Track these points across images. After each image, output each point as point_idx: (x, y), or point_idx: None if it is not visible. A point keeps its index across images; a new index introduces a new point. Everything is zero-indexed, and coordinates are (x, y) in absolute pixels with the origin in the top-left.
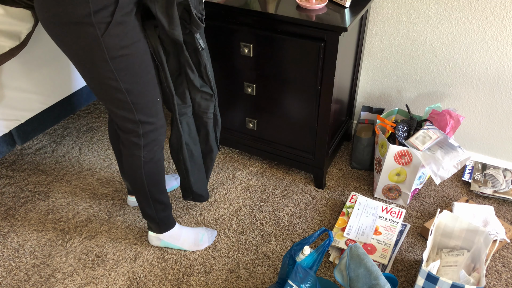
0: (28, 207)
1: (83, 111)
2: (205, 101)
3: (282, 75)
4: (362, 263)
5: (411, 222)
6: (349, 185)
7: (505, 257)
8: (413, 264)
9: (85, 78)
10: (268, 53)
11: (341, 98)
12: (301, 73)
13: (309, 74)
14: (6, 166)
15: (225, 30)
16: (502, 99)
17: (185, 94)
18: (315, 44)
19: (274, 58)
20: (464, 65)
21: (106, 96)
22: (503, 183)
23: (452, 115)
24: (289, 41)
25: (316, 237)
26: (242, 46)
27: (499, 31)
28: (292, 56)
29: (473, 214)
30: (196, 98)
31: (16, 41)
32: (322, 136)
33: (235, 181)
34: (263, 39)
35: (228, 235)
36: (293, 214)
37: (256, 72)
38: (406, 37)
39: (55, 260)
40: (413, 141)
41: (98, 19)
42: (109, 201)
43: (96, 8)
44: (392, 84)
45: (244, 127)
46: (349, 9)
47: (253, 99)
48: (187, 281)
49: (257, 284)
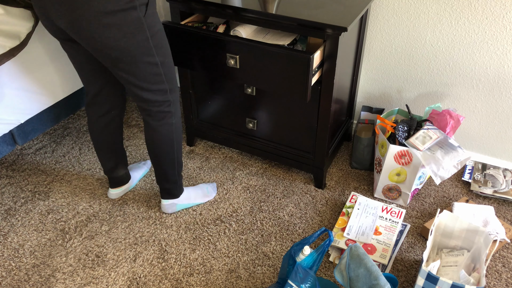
0: (28, 207)
1: (83, 111)
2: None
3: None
4: (362, 263)
5: (411, 222)
6: (349, 185)
7: (505, 257)
8: (413, 264)
9: (123, 65)
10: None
11: (341, 98)
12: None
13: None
14: (6, 166)
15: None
16: (502, 99)
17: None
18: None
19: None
20: (464, 65)
21: (144, 75)
22: (503, 183)
23: (452, 115)
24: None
25: (316, 237)
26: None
27: (499, 31)
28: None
29: (473, 214)
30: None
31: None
32: (322, 136)
33: (235, 181)
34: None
35: (228, 235)
36: (293, 214)
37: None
38: (406, 37)
39: (55, 260)
40: (413, 141)
41: (140, 2)
42: (109, 201)
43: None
44: (392, 84)
45: (244, 127)
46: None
47: (253, 99)
48: (187, 281)
49: (257, 284)
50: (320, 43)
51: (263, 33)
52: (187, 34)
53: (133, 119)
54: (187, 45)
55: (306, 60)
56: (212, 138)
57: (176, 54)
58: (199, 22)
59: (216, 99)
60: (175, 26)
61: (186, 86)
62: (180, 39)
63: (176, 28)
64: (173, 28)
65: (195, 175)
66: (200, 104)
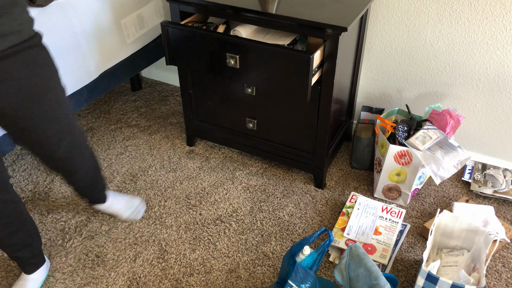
0: (28, 207)
1: (83, 111)
2: None
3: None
4: (362, 263)
5: (411, 222)
6: (349, 185)
7: (505, 257)
8: (413, 264)
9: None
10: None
11: (341, 98)
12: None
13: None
14: (6, 166)
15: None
16: (502, 99)
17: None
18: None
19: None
20: (464, 65)
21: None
22: (503, 183)
23: (452, 115)
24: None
25: (316, 237)
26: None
27: (499, 31)
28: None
29: (473, 214)
30: None
31: None
32: (322, 136)
33: (235, 181)
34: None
35: (228, 235)
36: (293, 214)
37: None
38: (406, 37)
39: (55, 260)
40: (413, 141)
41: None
42: None
43: None
44: (392, 84)
45: (244, 127)
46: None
47: (253, 99)
48: (187, 281)
49: (257, 284)
50: (320, 43)
51: (263, 33)
52: (187, 34)
53: (133, 119)
54: (187, 45)
55: (306, 60)
56: (212, 138)
57: (176, 54)
58: (199, 22)
59: (216, 99)
60: (175, 26)
61: (186, 86)
62: (180, 39)
63: (176, 28)
64: (173, 28)
65: (195, 175)
66: (200, 104)
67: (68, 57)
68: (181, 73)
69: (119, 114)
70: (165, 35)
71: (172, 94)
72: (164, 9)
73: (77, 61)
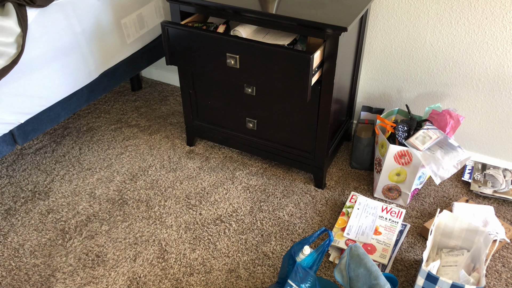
0: (28, 207)
1: (83, 111)
2: None
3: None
4: (362, 263)
5: (411, 222)
6: (349, 185)
7: (505, 257)
8: (413, 264)
9: None
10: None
11: (341, 98)
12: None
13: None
14: (6, 166)
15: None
16: (502, 99)
17: None
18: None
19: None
20: (464, 65)
21: None
22: (503, 183)
23: (452, 115)
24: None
25: (316, 237)
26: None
27: (499, 31)
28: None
29: (473, 214)
30: None
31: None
32: (322, 136)
33: (235, 181)
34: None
35: (228, 235)
36: (293, 214)
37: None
38: (406, 37)
39: (55, 260)
40: (413, 141)
41: None
42: (109, 201)
43: None
44: (392, 84)
45: (244, 127)
46: (349, 9)
47: (253, 99)
48: (187, 281)
49: (257, 284)
50: (320, 43)
51: (263, 33)
52: (187, 34)
53: (133, 119)
54: (187, 45)
55: (306, 60)
56: (212, 138)
57: (176, 54)
58: (199, 22)
59: (216, 99)
60: (175, 26)
61: (186, 86)
62: (180, 39)
63: (176, 28)
64: (173, 28)
65: (195, 175)
66: (200, 104)
67: (68, 57)
68: (181, 73)
69: (119, 114)
70: (165, 35)
71: (172, 94)
72: (164, 9)
73: (77, 61)
